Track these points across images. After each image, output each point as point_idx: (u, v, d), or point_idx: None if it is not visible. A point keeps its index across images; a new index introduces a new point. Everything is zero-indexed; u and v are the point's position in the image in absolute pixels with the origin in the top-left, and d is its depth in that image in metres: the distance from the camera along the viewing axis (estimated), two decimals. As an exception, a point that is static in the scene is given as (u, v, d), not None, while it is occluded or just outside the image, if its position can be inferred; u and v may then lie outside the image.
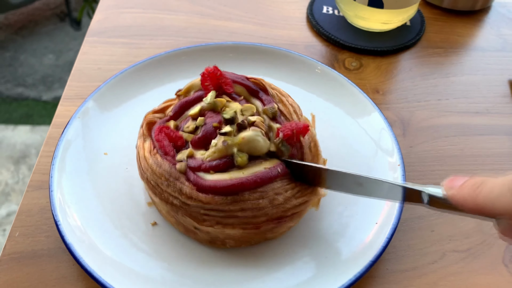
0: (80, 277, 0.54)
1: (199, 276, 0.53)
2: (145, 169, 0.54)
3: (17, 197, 1.86)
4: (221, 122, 0.55)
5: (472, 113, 0.76)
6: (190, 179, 0.51)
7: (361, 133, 0.68)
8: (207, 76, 0.58)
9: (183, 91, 0.61)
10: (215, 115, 0.56)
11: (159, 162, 0.52)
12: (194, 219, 0.51)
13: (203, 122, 0.55)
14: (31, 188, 0.61)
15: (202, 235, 0.54)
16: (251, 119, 0.55)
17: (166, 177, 0.51)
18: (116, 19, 0.87)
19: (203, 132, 0.54)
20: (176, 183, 0.51)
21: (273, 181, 0.52)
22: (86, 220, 0.56)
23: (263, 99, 0.59)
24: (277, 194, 0.51)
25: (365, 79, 0.79)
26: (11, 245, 0.56)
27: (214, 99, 0.57)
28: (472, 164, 0.68)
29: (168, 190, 0.51)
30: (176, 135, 0.54)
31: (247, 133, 0.52)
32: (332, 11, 0.91)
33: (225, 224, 0.51)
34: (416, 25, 0.89)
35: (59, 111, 0.70)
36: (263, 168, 0.52)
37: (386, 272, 0.56)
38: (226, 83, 0.59)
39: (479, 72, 0.83)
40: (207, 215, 0.51)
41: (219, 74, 0.58)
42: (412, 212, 0.62)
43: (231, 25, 0.88)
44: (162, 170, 0.52)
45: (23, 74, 2.35)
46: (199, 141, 0.54)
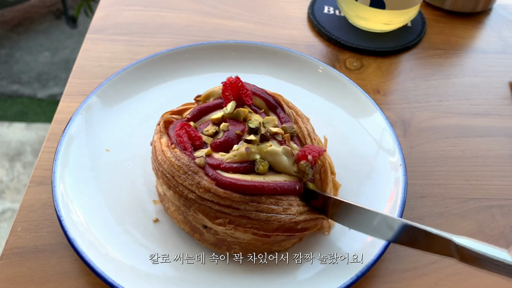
0: (81, 272, 0.54)
1: (201, 273, 0.53)
2: (162, 161, 0.54)
3: (11, 194, 1.85)
4: (244, 131, 0.56)
5: (472, 114, 0.76)
6: (209, 174, 0.51)
7: (362, 133, 0.68)
8: (229, 86, 0.58)
9: (203, 97, 0.61)
10: (238, 124, 0.57)
11: (178, 155, 0.53)
12: (206, 215, 0.52)
13: (227, 128, 0.56)
14: (33, 183, 0.61)
15: (208, 236, 0.54)
16: (273, 129, 0.56)
17: (184, 170, 0.52)
18: (117, 16, 0.87)
19: (225, 137, 0.55)
20: (195, 177, 0.51)
21: (290, 194, 0.52)
22: (88, 215, 0.56)
23: (280, 116, 0.59)
24: (291, 205, 0.52)
25: (366, 79, 0.79)
26: (13, 240, 0.56)
27: (236, 109, 0.57)
28: (472, 165, 0.69)
29: (185, 184, 0.51)
30: (196, 135, 0.55)
31: (276, 147, 0.53)
32: (333, 11, 0.91)
33: (237, 225, 0.51)
34: (417, 26, 0.90)
35: (60, 107, 0.70)
36: (283, 179, 0.52)
37: (387, 271, 0.57)
38: (246, 95, 0.59)
39: (479, 74, 0.83)
40: (221, 212, 0.51)
41: (240, 85, 0.59)
42: (413, 212, 0.62)
43: (232, 24, 0.88)
44: (180, 163, 0.52)
45: (18, 71, 2.34)
46: (220, 144, 0.55)
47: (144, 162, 0.63)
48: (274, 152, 0.53)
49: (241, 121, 0.57)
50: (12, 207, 1.81)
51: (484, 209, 0.64)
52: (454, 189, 0.66)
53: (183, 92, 0.71)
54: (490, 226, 0.62)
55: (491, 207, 0.64)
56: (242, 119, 0.57)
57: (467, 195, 0.65)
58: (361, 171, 0.64)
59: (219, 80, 0.60)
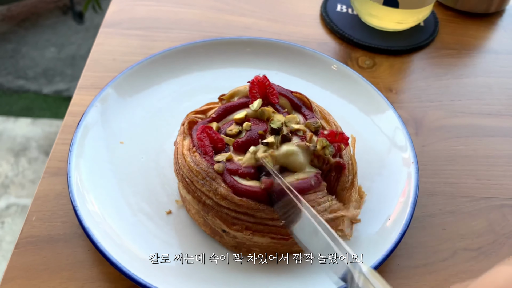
0: (95, 262, 0.54)
1: (215, 265, 0.53)
2: (182, 165, 0.54)
3: (16, 189, 1.85)
4: (266, 131, 0.56)
5: (484, 114, 0.76)
6: (227, 181, 0.51)
7: (375, 131, 0.68)
8: (256, 84, 0.59)
9: (228, 95, 0.61)
10: (261, 123, 0.57)
11: (197, 160, 0.53)
12: (224, 221, 0.52)
13: (249, 127, 0.56)
14: (48, 174, 0.61)
15: (228, 239, 0.54)
16: (295, 126, 0.55)
17: (203, 176, 0.52)
18: (131, 11, 0.87)
19: (248, 137, 0.55)
20: (212, 183, 0.51)
21: (305, 194, 0.52)
22: (103, 206, 0.56)
23: (306, 114, 0.59)
24: (313, 206, 0.51)
25: (378, 77, 0.79)
26: (28, 229, 0.56)
27: (261, 108, 0.57)
28: (484, 165, 0.69)
29: (203, 189, 0.52)
30: (218, 137, 0.55)
31: (291, 147, 0.53)
32: (346, 10, 0.91)
33: (254, 231, 0.51)
34: (430, 25, 0.90)
35: (74, 100, 0.70)
36: (294, 179, 0.52)
37: (398, 267, 0.57)
38: (273, 94, 0.59)
39: (492, 74, 0.83)
40: (237, 218, 0.51)
41: (267, 84, 0.59)
42: (424, 210, 0.62)
43: (244, 21, 0.88)
44: (199, 168, 0.52)
45: (25, 66, 2.35)
46: (242, 144, 0.55)
47: (158, 155, 0.63)
48: (289, 153, 0.53)
49: (265, 120, 0.57)
50: (17, 202, 1.81)
51: (495, 208, 0.64)
52: (465, 188, 0.66)
53: (196, 87, 0.72)
54: (501, 225, 0.62)
55: (502, 206, 0.64)
56: (266, 119, 0.57)
57: (478, 194, 0.65)
58: (373, 168, 0.64)
59: (232, 76, 0.61)
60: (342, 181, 0.55)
